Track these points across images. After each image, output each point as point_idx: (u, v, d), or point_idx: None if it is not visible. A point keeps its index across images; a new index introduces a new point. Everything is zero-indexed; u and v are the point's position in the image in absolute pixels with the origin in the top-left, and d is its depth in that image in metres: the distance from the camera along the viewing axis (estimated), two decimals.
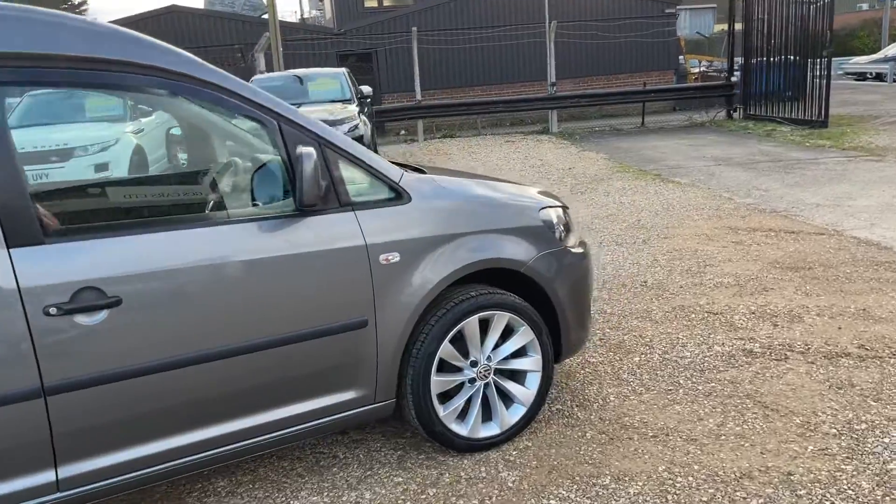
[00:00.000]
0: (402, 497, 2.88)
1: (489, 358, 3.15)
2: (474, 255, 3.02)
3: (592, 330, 4.41)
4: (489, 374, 3.16)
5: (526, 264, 3.16)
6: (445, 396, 3.11)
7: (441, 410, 3.04)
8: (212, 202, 2.81)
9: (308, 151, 2.51)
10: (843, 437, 3.08)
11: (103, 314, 2.34)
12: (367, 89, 11.16)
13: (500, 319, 3.12)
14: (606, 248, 6.32)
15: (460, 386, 3.12)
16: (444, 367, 3.06)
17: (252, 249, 2.58)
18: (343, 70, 11.45)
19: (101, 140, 9.44)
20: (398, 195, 2.91)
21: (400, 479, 3.01)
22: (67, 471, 2.38)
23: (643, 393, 3.61)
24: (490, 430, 3.19)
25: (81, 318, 2.31)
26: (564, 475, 2.96)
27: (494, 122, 19.02)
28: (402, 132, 18.20)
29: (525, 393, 3.25)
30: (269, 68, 14.85)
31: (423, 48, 18.57)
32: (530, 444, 3.21)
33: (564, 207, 3.56)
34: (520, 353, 3.23)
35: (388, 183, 2.89)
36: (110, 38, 2.44)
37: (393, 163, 3.48)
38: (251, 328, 2.59)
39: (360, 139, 9.63)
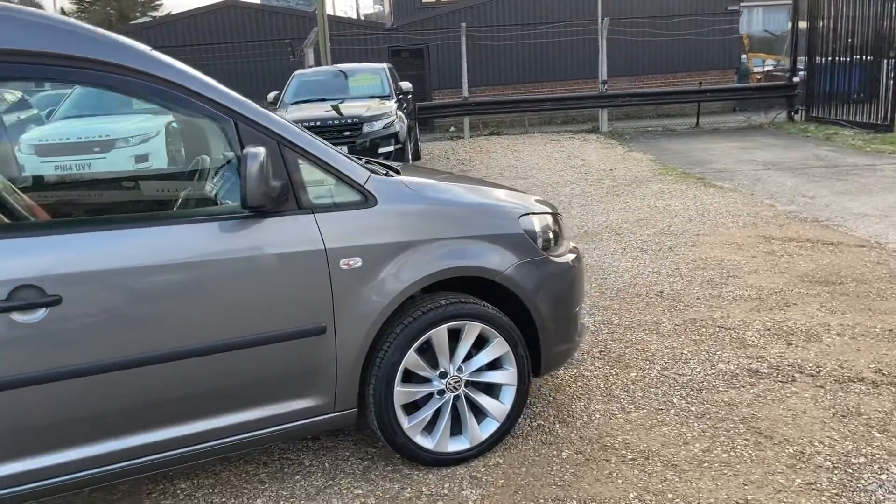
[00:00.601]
0: None
1: (460, 369, 3.02)
2: (443, 262, 2.89)
3: (591, 341, 4.23)
4: (460, 386, 3.03)
5: (501, 273, 3.01)
6: (414, 407, 3.00)
7: (405, 422, 2.93)
8: (162, 201, 2.75)
9: (254, 151, 2.42)
10: (836, 472, 2.85)
11: (42, 313, 2.31)
12: (406, 85, 11.10)
13: (472, 330, 2.99)
14: (629, 254, 6.09)
15: (429, 397, 3.01)
16: (411, 377, 2.94)
17: (202, 251, 2.52)
18: (384, 66, 11.40)
19: (142, 132, 9.61)
20: (363, 198, 2.80)
21: (360, 492, 2.92)
22: (2, 470, 2.36)
23: (632, 411, 3.42)
24: (459, 445, 3.06)
25: (18, 317, 2.28)
26: (529, 497, 2.81)
27: (545, 121, 18.75)
28: (452, 129, 18.11)
29: (499, 407, 3.11)
30: (319, 63, 14.94)
31: (474, 45, 18.43)
32: (501, 461, 3.07)
33: (554, 215, 3.39)
34: (494, 365, 3.10)
35: (353, 185, 2.79)
36: (56, 31, 2.39)
37: (371, 162, 3.38)
38: (198, 331, 2.52)
39: (395, 136, 9.59)
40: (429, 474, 3.00)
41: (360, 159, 3.63)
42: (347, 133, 9.48)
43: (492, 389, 3.12)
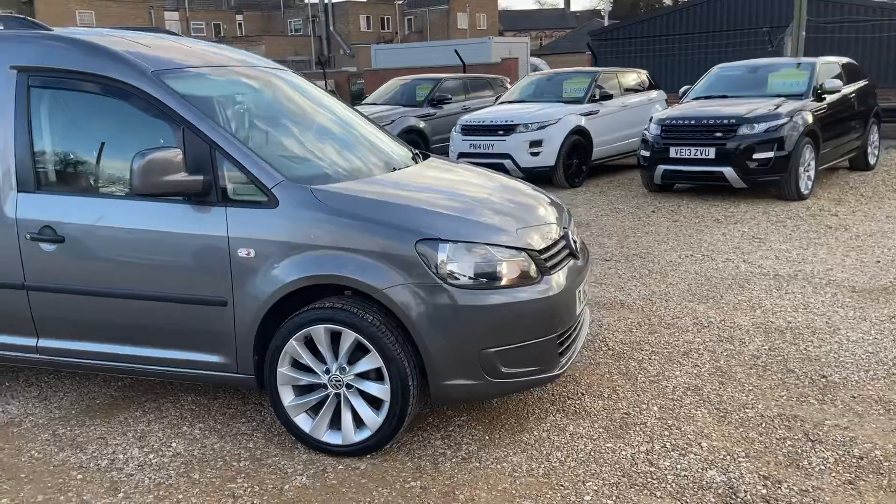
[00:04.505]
0: (211, 455, 3.37)
1: (343, 370, 3.23)
2: (319, 268, 3.15)
3: (645, 408, 3.64)
4: (340, 385, 3.24)
5: (379, 290, 3.09)
6: (308, 390, 3.34)
7: (286, 400, 3.32)
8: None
9: (142, 152, 3.12)
10: None
11: (54, 246, 3.49)
12: (831, 84, 9.49)
13: (347, 336, 3.17)
14: (877, 327, 4.61)
15: (318, 387, 3.30)
16: (300, 365, 3.30)
17: (145, 222, 3.37)
18: (819, 60, 9.94)
19: (541, 119, 10.68)
20: (268, 199, 3.24)
21: (251, 445, 3.44)
22: (43, 342, 3.66)
23: (535, 475, 3.05)
24: (333, 439, 3.30)
25: (44, 246, 3.50)
26: None
27: None
28: None
29: (372, 418, 3.21)
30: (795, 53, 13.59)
31: None
32: (363, 468, 3.20)
33: (519, 250, 3.22)
34: (379, 376, 3.19)
35: (261, 187, 3.24)
36: (77, 52, 3.47)
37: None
38: (138, 280, 3.40)
39: (779, 141, 8.55)
40: (304, 454, 3.33)
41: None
42: (718, 134, 8.83)
43: (376, 399, 3.23)
